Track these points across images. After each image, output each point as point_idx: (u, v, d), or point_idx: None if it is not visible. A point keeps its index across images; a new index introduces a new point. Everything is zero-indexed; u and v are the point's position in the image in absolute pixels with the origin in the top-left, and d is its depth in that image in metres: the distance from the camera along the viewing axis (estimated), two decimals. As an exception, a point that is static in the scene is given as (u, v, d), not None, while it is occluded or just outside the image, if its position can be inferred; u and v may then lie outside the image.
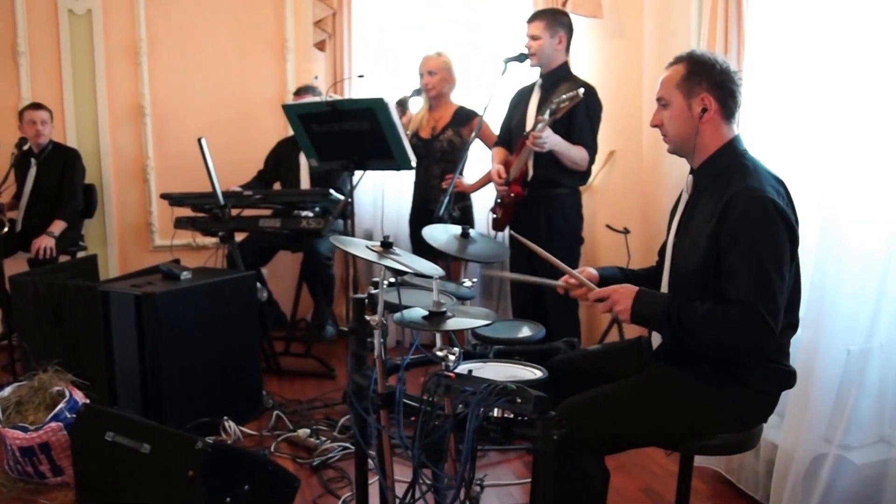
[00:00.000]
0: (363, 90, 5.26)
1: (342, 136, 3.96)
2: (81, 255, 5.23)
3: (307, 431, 3.73)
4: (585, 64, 4.83)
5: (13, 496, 3.20)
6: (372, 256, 2.24)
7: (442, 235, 2.93)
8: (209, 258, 5.03)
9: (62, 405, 3.25)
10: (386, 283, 2.32)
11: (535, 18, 3.98)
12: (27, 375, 3.50)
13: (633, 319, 2.22)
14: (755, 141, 2.93)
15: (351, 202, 4.06)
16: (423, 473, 2.17)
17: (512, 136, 4.14)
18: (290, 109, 4.10)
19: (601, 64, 4.84)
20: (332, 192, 4.47)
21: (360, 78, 5.08)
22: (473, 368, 2.27)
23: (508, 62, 4.00)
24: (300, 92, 5.16)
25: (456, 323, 2.18)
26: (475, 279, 2.97)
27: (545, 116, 3.65)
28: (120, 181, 5.68)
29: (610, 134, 4.36)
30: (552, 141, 3.75)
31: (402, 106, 4.60)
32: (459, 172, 4.10)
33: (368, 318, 2.31)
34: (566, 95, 3.57)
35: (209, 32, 5.66)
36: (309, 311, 5.41)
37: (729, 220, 2.13)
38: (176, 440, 2.82)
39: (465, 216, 4.43)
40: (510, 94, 4.27)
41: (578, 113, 3.82)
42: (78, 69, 5.50)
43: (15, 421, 3.26)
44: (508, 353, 2.72)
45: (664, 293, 2.35)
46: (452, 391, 2.07)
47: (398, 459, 2.79)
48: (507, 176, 3.99)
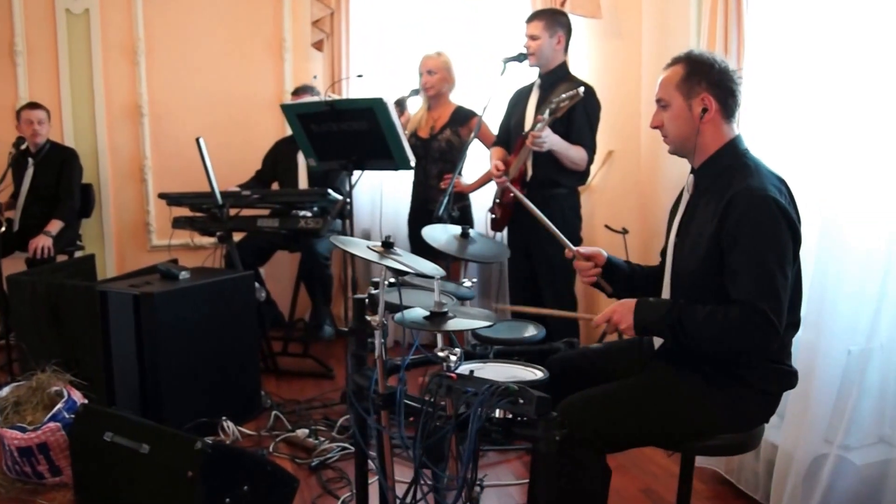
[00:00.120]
0: (361, 90, 5.26)
1: (341, 135, 3.95)
2: (79, 254, 5.22)
3: (306, 432, 3.72)
4: (584, 64, 4.83)
5: (11, 496, 3.19)
6: (373, 257, 2.24)
7: (442, 235, 2.92)
8: (207, 258, 5.03)
9: (60, 405, 3.24)
10: (386, 283, 2.31)
11: (533, 18, 3.98)
12: (25, 375, 3.49)
13: (637, 331, 2.22)
14: (755, 140, 2.92)
15: (349, 202, 4.05)
16: (422, 474, 2.16)
17: (510, 136, 4.14)
18: (288, 109, 4.09)
19: (600, 64, 4.84)
20: (330, 192, 4.47)
21: (359, 78, 5.07)
22: (474, 369, 2.26)
23: (507, 62, 3.99)
24: (298, 92, 5.15)
25: (457, 323, 2.17)
26: (475, 279, 2.97)
27: (545, 116, 3.65)
28: (117, 181, 5.68)
29: (608, 134, 4.36)
30: (551, 140, 3.74)
31: (400, 106, 4.59)
32: (458, 172, 4.09)
33: (369, 318, 2.30)
34: (566, 94, 3.56)
35: (207, 32, 5.65)
36: (307, 311, 5.41)
37: (731, 219, 2.12)
38: (175, 440, 2.81)
39: (464, 216, 4.42)
40: (509, 94, 4.26)
41: (577, 113, 3.82)
42: (75, 68, 5.49)
43: (13, 421, 3.25)
44: (508, 353, 2.72)
45: (663, 299, 2.35)
46: (454, 392, 2.06)
47: (397, 460, 2.78)
48: (506, 168, 3.98)
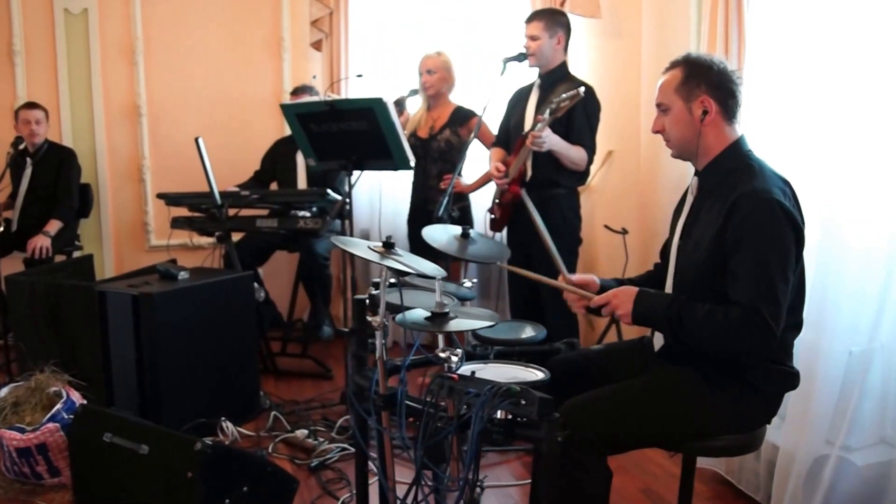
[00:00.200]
0: (360, 90, 5.25)
1: (340, 135, 3.94)
2: (77, 254, 5.22)
3: (305, 432, 3.71)
4: (584, 64, 4.82)
5: (10, 497, 3.18)
6: (374, 257, 2.23)
7: (442, 236, 2.91)
8: (206, 258, 5.02)
9: (59, 406, 3.23)
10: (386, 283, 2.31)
11: (533, 19, 3.96)
12: (24, 376, 3.49)
13: (634, 321, 2.22)
14: (756, 140, 2.91)
15: (349, 202, 4.04)
16: (422, 474, 2.16)
17: (510, 136, 4.13)
18: (288, 109, 4.07)
19: (599, 64, 4.83)
20: (329, 192, 4.46)
21: (358, 77, 5.07)
22: (475, 370, 2.26)
23: (507, 62, 3.98)
24: (297, 92, 5.15)
25: (459, 324, 2.16)
26: (475, 280, 2.96)
27: (545, 116, 3.64)
28: (116, 181, 5.67)
29: (608, 134, 4.35)
30: (551, 141, 3.73)
31: (399, 106, 4.57)
32: (458, 173, 4.08)
33: (370, 318, 2.29)
34: (566, 94, 3.55)
35: (205, 32, 5.65)
36: (305, 311, 5.40)
37: (734, 221, 2.12)
38: (174, 441, 2.81)
39: (464, 216, 4.42)
40: (509, 94, 4.25)
41: (577, 113, 3.81)
42: (74, 68, 5.48)
43: (12, 422, 3.25)
44: (508, 354, 2.71)
45: (665, 293, 2.35)
46: (456, 393, 2.05)
47: (397, 461, 2.78)
48: (506, 170, 3.97)
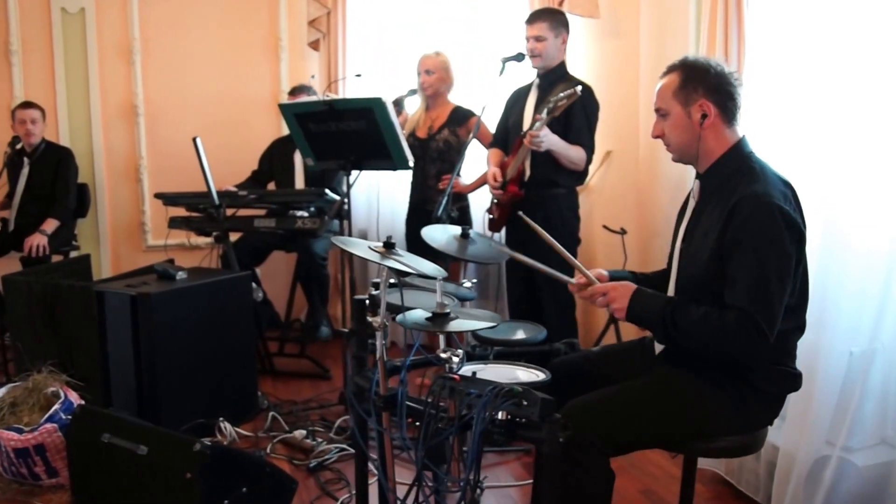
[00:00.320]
0: (358, 90, 5.25)
1: (339, 135, 3.93)
2: (74, 254, 5.20)
3: (303, 433, 3.70)
4: (582, 64, 4.81)
5: (8, 498, 3.17)
6: (374, 257, 2.22)
7: (441, 236, 2.91)
8: (203, 258, 5.00)
9: (57, 406, 3.22)
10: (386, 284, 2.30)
11: (537, 19, 3.94)
12: (21, 376, 3.48)
13: (628, 317, 2.23)
14: (756, 142, 2.90)
15: (347, 202, 4.03)
16: (423, 475, 2.15)
17: (509, 136, 4.12)
18: (286, 108, 4.07)
19: (598, 64, 4.83)
20: (327, 192, 4.45)
21: (357, 77, 5.06)
22: (476, 370, 2.25)
23: (506, 62, 3.98)
24: (295, 91, 5.15)
25: (460, 324, 2.16)
26: (474, 280, 2.95)
27: (543, 115, 3.64)
28: (113, 180, 5.66)
29: (607, 134, 4.35)
30: (549, 140, 3.73)
31: (397, 106, 4.58)
32: (457, 173, 4.08)
33: (370, 319, 2.28)
34: (563, 94, 3.55)
35: (203, 31, 5.64)
36: (303, 311, 5.39)
37: (734, 225, 2.11)
38: (173, 442, 2.80)
39: (463, 216, 4.41)
40: (507, 93, 4.25)
41: (576, 113, 3.81)
42: (71, 68, 5.47)
43: (9, 422, 3.24)
44: (508, 354, 2.70)
45: (662, 295, 2.34)
46: (457, 393, 2.05)
47: (397, 461, 2.77)
48: (503, 179, 3.97)
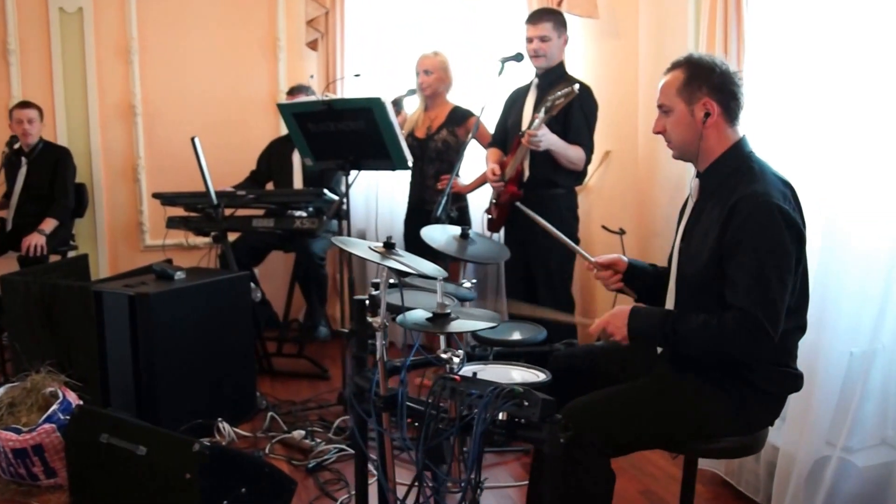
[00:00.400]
0: (356, 90, 5.24)
1: (338, 135, 3.93)
2: (72, 254, 5.19)
3: (302, 433, 3.70)
4: (581, 64, 4.81)
5: (6, 498, 3.17)
6: (374, 257, 2.21)
7: (441, 236, 2.90)
8: (202, 258, 4.99)
9: (55, 406, 3.21)
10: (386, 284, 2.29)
11: (542, 20, 3.92)
12: (19, 376, 3.47)
13: (631, 340, 2.23)
14: (756, 141, 2.90)
15: (346, 202, 4.03)
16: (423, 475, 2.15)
17: (507, 136, 4.12)
18: (285, 108, 4.06)
19: (597, 64, 4.82)
20: (325, 192, 4.44)
21: (355, 77, 5.05)
22: (476, 371, 2.24)
23: (505, 62, 3.97)
24: (293, 91, 5.14)
25: (461, 325, 2.15)
26: (474, 280, 2.95)
27: (541, 114, 3.64)
28: (110, 180, 5.65)
29: (606, 134, 4.35)
30: (548, 139, 3.72)
31: (396, 106, 4.57)
32: (456, 173, 4.07)
33: (370, 319, 2.28)
34: (561, 92, 3.55)
35: (201, 31, 5.63)
36: (301, 311, 5.38)
37: (733, 225, 2.11)
38: (172, 442, 2.79)
39: (462, 217, 4.41)
40: (506, 93, 4.24)
41: (575, 112, 3.81)
42: (69, 67, 5.46)
43: (8, 422, 3.23)
44: (508, 354, 2.70)
45: (658, 308, 2.34)
46: (458, 394, 2.04)
47: (396, 462, 2.76)
48: (502, 173, 3.96)
